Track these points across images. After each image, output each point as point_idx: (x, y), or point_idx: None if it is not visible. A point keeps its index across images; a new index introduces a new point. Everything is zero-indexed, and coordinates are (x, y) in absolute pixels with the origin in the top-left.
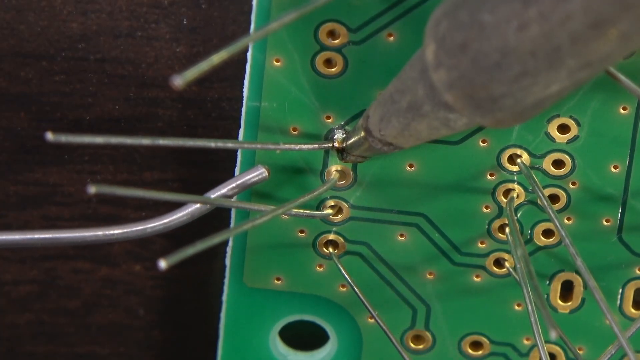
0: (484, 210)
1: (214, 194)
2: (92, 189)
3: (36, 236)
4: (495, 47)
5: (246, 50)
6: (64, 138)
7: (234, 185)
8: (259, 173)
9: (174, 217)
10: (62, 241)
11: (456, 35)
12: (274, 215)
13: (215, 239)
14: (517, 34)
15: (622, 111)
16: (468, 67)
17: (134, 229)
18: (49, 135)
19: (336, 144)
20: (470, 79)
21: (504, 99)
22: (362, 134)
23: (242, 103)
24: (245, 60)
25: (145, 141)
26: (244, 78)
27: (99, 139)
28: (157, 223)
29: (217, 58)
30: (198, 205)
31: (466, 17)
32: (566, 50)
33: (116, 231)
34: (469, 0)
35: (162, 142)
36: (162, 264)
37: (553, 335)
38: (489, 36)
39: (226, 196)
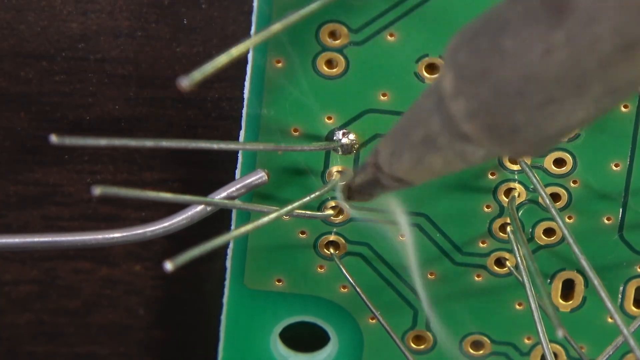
0: (485, 209)
1: (214, 197)
2: (96, 191)
3: (36, 239)
4: (517, 74)
5: (247, 52)
6: (68, 140)
7: (233, 189)
8: (259, 177)
9: (174, 220)
10: (62, 244)
11: (476, 62)
12: (276, 217)
13: (219, 240)
14: (542, 59)
15: (623, 109)
16: (488, 96)
17: (134, 232)
18: (53, 138)
19: (342, 182)
20: (491, 108)
21: (526, 127)
22: (371, 170)
23: (242, 103)
24: (246, 61)
25: (149, 143)
26: (244, 78)
27: (102, 141)
28: (157, 227)
29: (221, 60)
30: (198, 208)
31: (486, 44)
32: (593, 76)
33: (116, 234)
34: (489, 27)
35: (165, 143)
36: (169, 265)
37: (560, 334)
38: (511, 63)
39: (227, 199)
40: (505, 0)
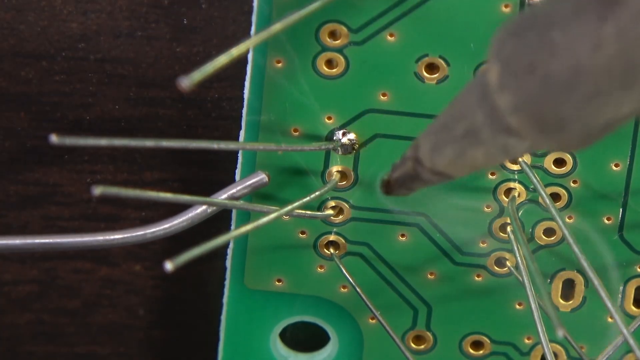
0: (485, 209)
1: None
2: (96, 191)
3: (36, 240)
4: (566, 66)
5: (247, 52)
6: (68, 140)
7: (234, 190)
8: (259, 178)
9: (174, 222)
10: (62, 245)
11: (524, 56)
12: (276, 217)
13: (219, 240)
14: (592, 52)
15: None
16: (536, 89)
17: (134, 234)
18: (53, 138)
19: (384, 176)
20: (538, 100)
21: (573, 121)
22: (411, 164)
23: (242, 103)
24: (246, 61)
25: (149, 143)
26: (244, 78)
27: (102, 141)
28: (157, 228)
29: (221, 61)
30: (199, 210)
31: (535, 37)
32: None
33: (116, 236)
34: (537, 20)
35: (166, 143)
36: (169, 265)
37: (560, 334)
38: (560, 56)
39: (225, 202)
40: None
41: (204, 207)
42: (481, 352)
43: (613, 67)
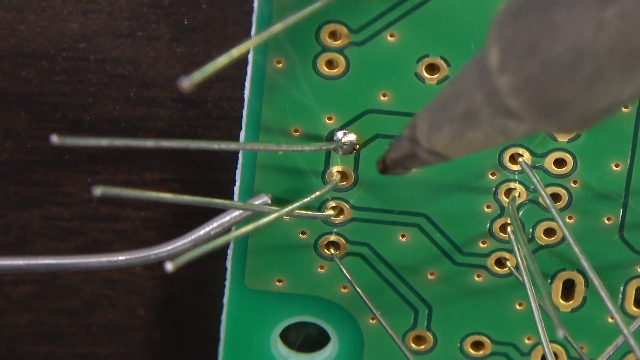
0: (486, 209)
1: (218, 221)
2: (96, 191)
3: (40, 262)
4: (568, 48)
5: (247, 52)
6: (69, 141)
7: (236, 214)
8: (262, 201)
9: (178, 244)
10: (66, 267)
11: (524, 37)
12: (277, 217)
13: (219, 241)
14: (594, 34)
15: (623, 109)
16: (537, 71)
17: (137, 255)
18: (54, 138)
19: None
20: (539, 82)
21: (574, 103)
22: (408, 144)
23: (242, 103)
24: (246, 61)
25: (149, 143)
26: (244, 78)
27: (103, 141)
28: (160, 250)
29: (221, 61)
30: (201, 232)
31: (536, 18)
32: None
33: (120, 257)
34: (539, 1)
35: (166, 143)
36: (169, 266)
37: (560, 334)
38: (561, 37)
39: (229, 225)
40: None
41: (207, 229)
42: (481, 352)
43: (615, 50)
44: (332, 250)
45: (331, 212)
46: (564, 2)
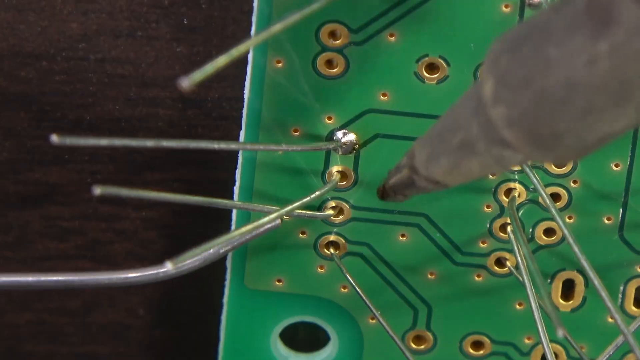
0: (485, 209)
1: (227, 239)
2: (97, 191)
3: (50, 278)
4: (561, 82)
5: (247, 52)
6: (69, 140)
7: (246, 232)
8: (275, 225)
9: (187, 262)
10: (76, 284)
11: (518, 70)
12: (276, 217)
13: (219, 241)
14: (586, 68)
15: None
16: (530, 103)
17: (147, 273)
18: (54, 138)
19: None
20: (533, 115)
21: (567, 135)
22: (407, 172)
23: (242, 103)
24: (246, 61)
25: (149, 143)
26: (244, 78)
27: (103, 141)
28: (169, 268)
29: (221, 61)
30: (211, 251)
31: (530, 52)
32: (636, 86)
33: (130, 275)
34: (532, 35)
35: (166, 143)
36: (169, 265)
37: (560, 334)
38: (554, 71)
39: (238, 243)
40: (548, 10)
41: (217, 247)
42: (481, 352)
43: (607, 84)
44: (331, 250)
45: (331, 211)
46: (557, 36)
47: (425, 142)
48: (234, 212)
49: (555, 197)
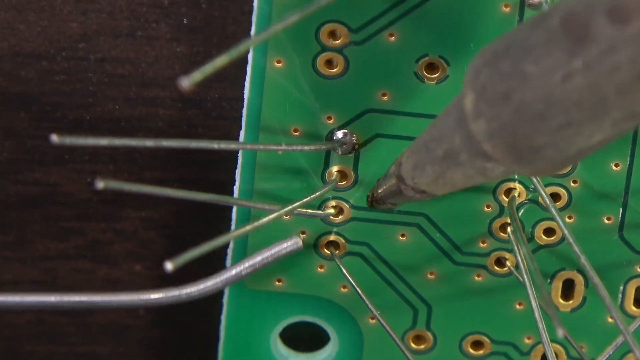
0: (485, 209)
1: (249, 261)
2: (99, 184)
3: (73, 299)
4: (538, 97)
5: (247, 52)
6: (69, 140)
7: (267, 254)
8: (293, 242)
9: (209, 283)
10: (98, 305)
11: (498, 85)
12: (277, 216)
13: (219, 240)
14: (562, 84)
15: None
16: (509, 118)
17: (169, 294)
18: (54, 137)
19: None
20: (512, 129)
21: (546, 149)
22: (394, 181)
23: (242, 103)
24: (246, 61)
25: (149, 142)
26: (244, 78)
27: (103, 141)
28: (192, 289)
29: (221, 61)
30: (232, 272)
31: (508, 67)
32: (612, 102)
33: (152, 296)
34: (511, 50)
35: (166, 143)
36: (169, 265)
37: (560, 334)
38: (532, 86)
39: (260, 265)
40: (527, 25)
41: (239, 269)
42: (481, 352)
43: (583, 100)
44: (331, 250)
45: (331, 211)
46: (534, 52)
47: (412, 152)
48: (234, 212)
49: (555, 196)
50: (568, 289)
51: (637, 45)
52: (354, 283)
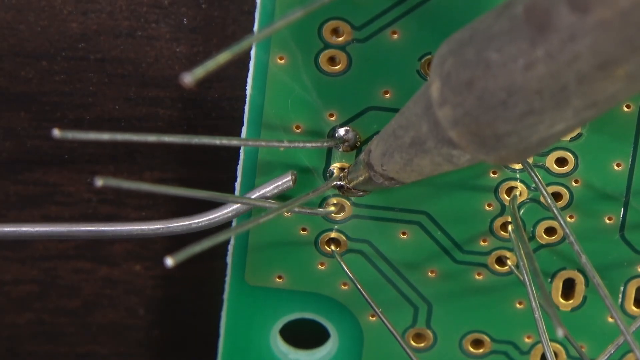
0: (487, 208)
1: (259, 192)
2: (98, 182)
3: (82, 228)
4: (501, 85)
5: (249, 49)
6: (71, 135)
7: (273, 186)
8: (287, 180)
9: (219, 213)
10: (106, 234)
11: (462, 73)
12: (277, 213)
13: (220, 237)
14: (524, 73)
15: (625, 109)
16: (473, 105)
17: (178, 224)
18: (56, 132)
19: (337, 181)
20: (476, 116)
21: (509, 137)
22: (364, 168)
23: (242, 103)
24: (247, 60)
25: (151, 138)
26: (244, 78)
27: (104, 136)
28: (201, 219)
29: (223, 57)
30: (243, 201)
31: (472, 55)
32: (573, 90)
33: (159, 226)
34: (475, 39)
35: (167, 139)
36: (169, 261)
37: (560, 333)
38: (495, 75)
39: (271, 194)
40: (492, 13)
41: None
42: (481, 350)
43: (544, 88)
44: (332, 247)
45: (332, 208)
46: (498, 41)
47: (381, 139)
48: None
49: (556, 196)
50: (568, 289)
51: (596, 35)
52: (354, 280)
